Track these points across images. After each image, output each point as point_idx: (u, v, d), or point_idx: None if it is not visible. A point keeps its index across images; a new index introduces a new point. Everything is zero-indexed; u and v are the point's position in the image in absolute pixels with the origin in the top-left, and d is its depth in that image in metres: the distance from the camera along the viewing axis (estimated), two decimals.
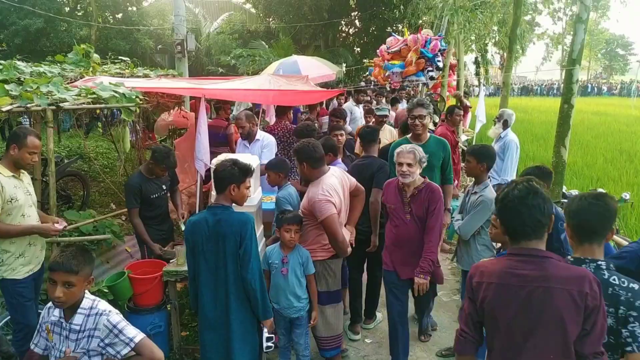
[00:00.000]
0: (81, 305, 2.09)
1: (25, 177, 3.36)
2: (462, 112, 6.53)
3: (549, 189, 3.38)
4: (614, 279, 1.93)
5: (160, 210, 4.27)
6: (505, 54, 14.30)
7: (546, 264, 1.80)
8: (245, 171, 2.84)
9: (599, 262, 1.97)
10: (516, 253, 1.86)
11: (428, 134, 4.30)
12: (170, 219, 4.50)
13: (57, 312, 2.13)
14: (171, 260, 3.78)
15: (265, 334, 2.93)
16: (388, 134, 6.01)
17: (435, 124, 8.97)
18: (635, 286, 1.90)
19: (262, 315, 2.88)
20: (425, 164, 3.41)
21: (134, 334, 2.08)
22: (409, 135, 4.34)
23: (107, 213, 5.61)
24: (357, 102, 8.89)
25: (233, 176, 2.78)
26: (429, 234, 3.36)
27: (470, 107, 9.36)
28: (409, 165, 3.31)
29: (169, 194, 4.49)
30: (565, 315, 1.74)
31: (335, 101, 10.45)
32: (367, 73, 16.07)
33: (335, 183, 3.27)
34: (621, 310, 1.87)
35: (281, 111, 5.86)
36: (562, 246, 2.93)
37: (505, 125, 5.85)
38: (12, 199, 3.11)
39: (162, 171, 4.13)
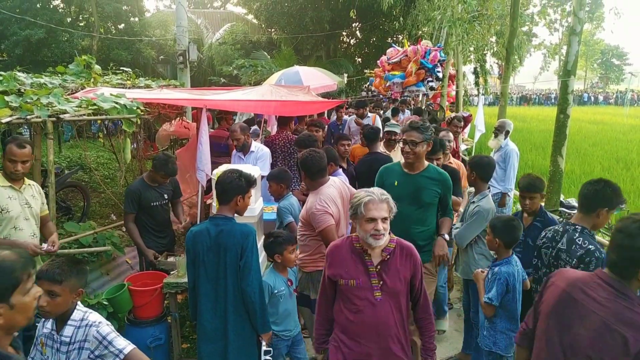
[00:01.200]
0: (72, 317, 2.09)
1: (30, 189, 3.30)
2: (461, 123, 6.55)
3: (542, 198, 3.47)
4: (579, 239, 2.53)
5: (161, 220, 4.21)
6: (503, 64, 14.40)
7: (619, 300, 1.71)
8: (250, 182, 2.87)
9: (577, 227, 2.59)
10: (600, 276, 1.80)
11: (425, 164, 3.43)
12: (172, 231, 4.43)
13: (49, 324, 2.13)
14: (171, 272, 3.75)
15: (264, 347, 2.90)
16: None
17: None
18: (592, 247, 2.47)
19: (261, 329, 2.85)
20: (394, 213, 2.38)
21: (124, 345, 2.06)
22: (402, 162, 3.51)
23: (108, 224, 5.59)
24: (361, 117, 7.68)
25: (240, 188, 2.79)
26: (426, 308, 2.50)
27: (471, 117, 9.40)
28: (384, 220, 2.31)
29: (170, 206, 4.44)
30: (605, 354, 1.67)
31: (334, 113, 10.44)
32: (369, 83, 16.15)
33: (333, 194, 3.27)
34: (574, 261, 2.49)
35: (283, 122, 5.87)
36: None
37: (506, 135, 5.88)
38: (2, 210, 3.06)
39: (163, 178, 4.09)
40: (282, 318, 3.11)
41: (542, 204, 5.83)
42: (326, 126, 6.97)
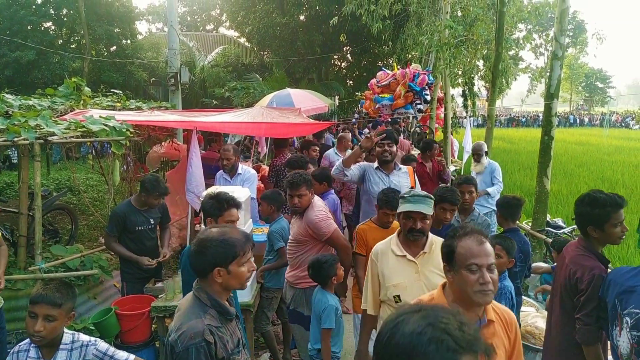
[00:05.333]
0: (62, 341, 2.09)
1: None
2: (436, 146, 6.59)
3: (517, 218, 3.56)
4: None
5: (147, 246, 4.03)
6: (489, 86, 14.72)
7: (578, 250, 2.48)
8: (225, 201, 2.80)
9: None
10: (578, 239, 2.62)
11: None
12: (159, 256, 4.28)
13: (33, 353, 2.08)
14: (160, 296, 3.70)
15: None
16: None
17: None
18: None
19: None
20: None
21: (125, 355, 2.22)
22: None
23: (96, 247, 5.50)
24: (381, 163, 4.07)
25: (213, 209, 2.77)
26: None
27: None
28: None
29: (158, 231, 4.30)
30: (566, 290, 2.44)
31: (327, 135, 10.46)
32: (360, 105, 16.36)
33: (323, 204, 3.49)
34: None
35: (281, 144, 5.89)
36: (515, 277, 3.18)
37: (487, 154, 6.02)
38: None
39: (156, 200, 3.94)
40: (340, 338, 3.07)
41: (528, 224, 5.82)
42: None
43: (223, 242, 1.81)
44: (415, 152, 7.71)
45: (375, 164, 4.13)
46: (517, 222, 3.67)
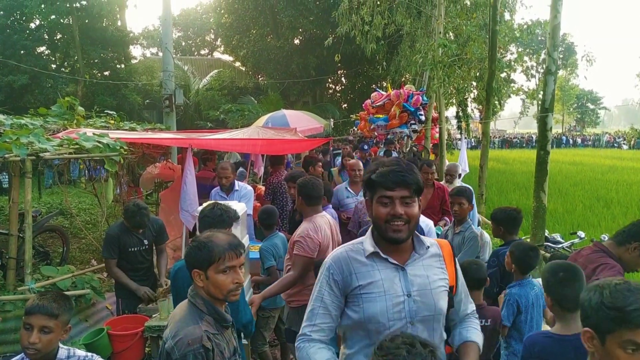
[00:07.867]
0: (58, 356, 2.01)
1: None
2: (432, 169, 6.49)
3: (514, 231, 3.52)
4: None
5: (141, 267, 3.96)
6: (483, 107, 14.88)
7: (595, 253, 2.53)
8: (232, 218, 2.80)
9: None
10: (594, 244, 2.68)
11: None
12: (153, 274, 4.15)
13: None
14: (153, 315, 3.58)
15: None
16: None
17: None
18: None
19: None
20: None
21: None
22: None
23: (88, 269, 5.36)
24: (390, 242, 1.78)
25: (223, 222, 2.73)
26: None
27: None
28: None
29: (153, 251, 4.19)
30: None
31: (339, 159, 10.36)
32: (354, 127, 16.45)
33: (325, 230, 3.23)
34: None
35: (277, 161, 5.87)
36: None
37: (459, 177, 6.04)
38: None
39: (134, 229, 3.87)
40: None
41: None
42: None
43: (202, 244, 1.78)
44: None
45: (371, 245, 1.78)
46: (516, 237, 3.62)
